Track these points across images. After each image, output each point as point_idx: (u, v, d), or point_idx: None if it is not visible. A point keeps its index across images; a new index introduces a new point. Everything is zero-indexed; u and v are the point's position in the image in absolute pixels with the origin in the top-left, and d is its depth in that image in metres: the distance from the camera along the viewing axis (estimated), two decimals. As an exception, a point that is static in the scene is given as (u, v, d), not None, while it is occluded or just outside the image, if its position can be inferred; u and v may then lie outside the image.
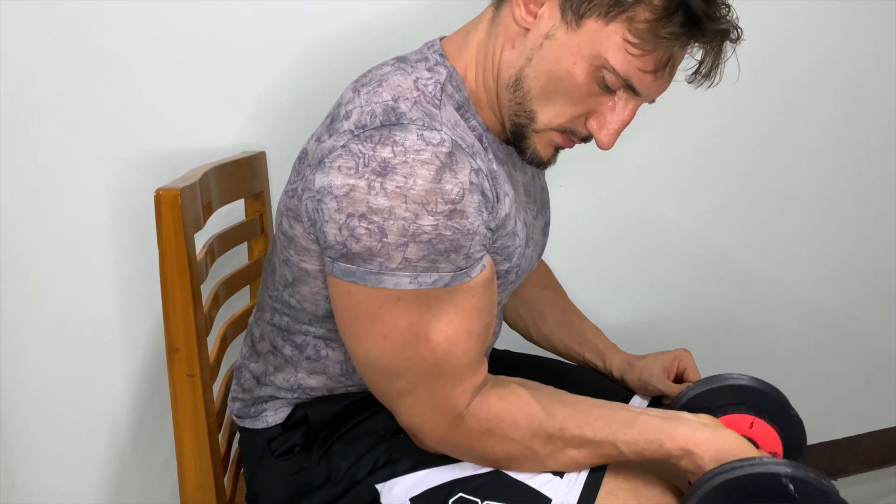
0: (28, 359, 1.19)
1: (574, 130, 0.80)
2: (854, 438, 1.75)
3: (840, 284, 1.65)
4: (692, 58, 0.77)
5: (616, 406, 0.81)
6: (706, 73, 0.77)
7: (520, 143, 0.83)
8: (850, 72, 1.53)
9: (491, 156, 0.80)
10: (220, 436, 0.96)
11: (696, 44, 0.75)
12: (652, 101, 0.80)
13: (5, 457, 1.22)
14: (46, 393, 1.21)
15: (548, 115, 0.79)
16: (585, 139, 0.82)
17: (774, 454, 0.90)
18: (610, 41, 0.74)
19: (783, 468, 0.72)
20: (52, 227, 1.15)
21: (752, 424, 0.90)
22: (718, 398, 0.92)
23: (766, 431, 0.90)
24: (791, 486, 0.71)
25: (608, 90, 0.77)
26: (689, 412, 0.83)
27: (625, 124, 0.79)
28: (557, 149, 0.84)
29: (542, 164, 0.85)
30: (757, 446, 0.89)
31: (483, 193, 0.73)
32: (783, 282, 1.60)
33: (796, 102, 1.51)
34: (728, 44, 0.76)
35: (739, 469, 0.73)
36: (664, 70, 0.76)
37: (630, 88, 0.76)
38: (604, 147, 0.80)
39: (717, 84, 0.78)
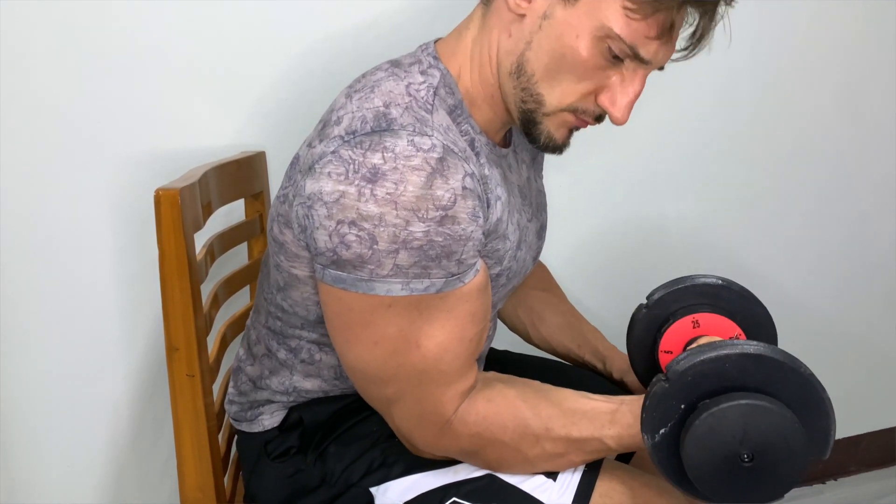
0: (28, 358, 1.19)
1: (585, 109, 0.78)
2: (854, 438, 1.75)
3: (840, 284, 1.65)
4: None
5: (598, 400, 0.80)
6: (701, 35, 0.75)
7: (532, 130, 0.80)
8: (851, 71, 1.52)
9: (482, 160, 0.79)
10: (219, 436, 0.95)
11: (693, 7, 0.74)
12: (661, 68, 0.78)
13: (5, 456, 1.22)
14: (46, 392, 1.21)
15: (556, 95, 0.77)
16: (598, 118, 0.80)
17: (735, 338, 0.86)
18: (610, 10, 0.73)
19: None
20: (52, 227, 1.15)
21: (694, 323, 0.86)
22: (678, 301, 0.88)
23: (713, 321, 0.86)
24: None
25: (614, 61, 0.75)
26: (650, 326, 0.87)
27: (637, 95, 0.77)
28: (571, 131, 0.82)
29: (558, 148, 0.82)
30: None
31: (477, 198, 0.73)
32: (783, 282, 1.60)
33: (796, 102, 1.51)
34: (723, 5, 0.75)
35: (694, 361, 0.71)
36: (668, 35, 0.74)
37: (637, 57, 0.75)
38: (619, 122, 0.78)
39: (708, 51, 0.77)
